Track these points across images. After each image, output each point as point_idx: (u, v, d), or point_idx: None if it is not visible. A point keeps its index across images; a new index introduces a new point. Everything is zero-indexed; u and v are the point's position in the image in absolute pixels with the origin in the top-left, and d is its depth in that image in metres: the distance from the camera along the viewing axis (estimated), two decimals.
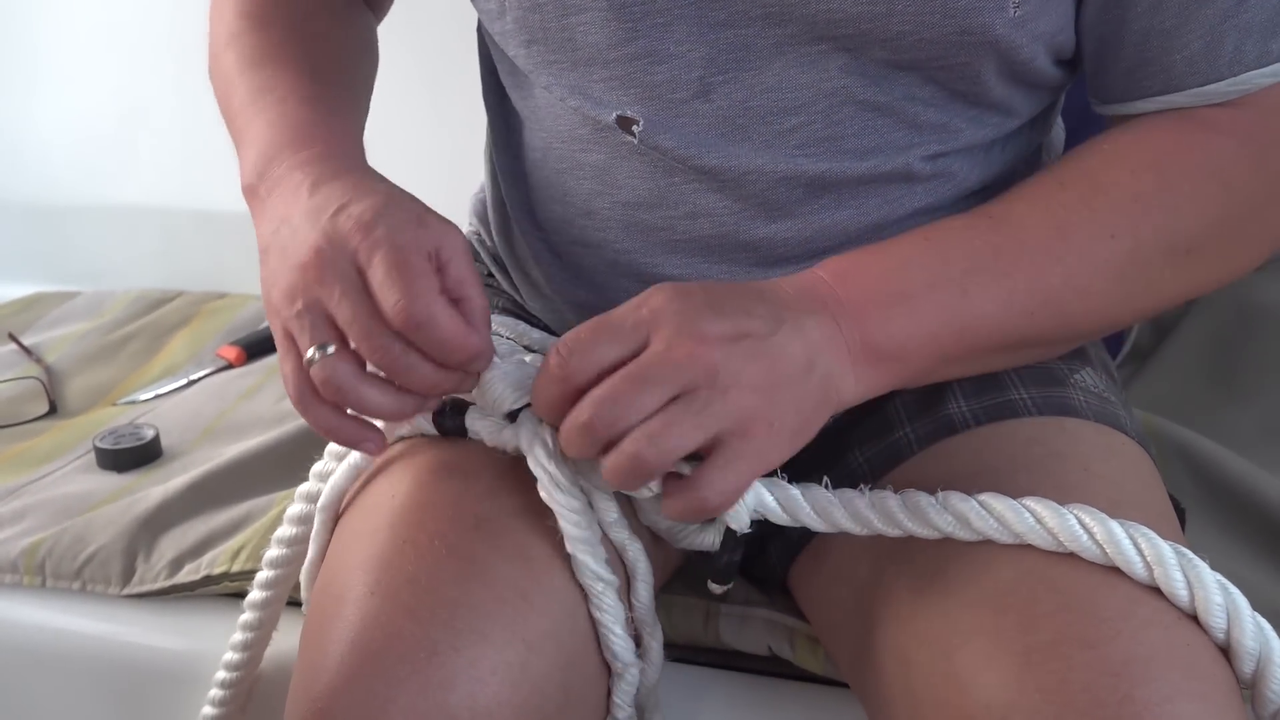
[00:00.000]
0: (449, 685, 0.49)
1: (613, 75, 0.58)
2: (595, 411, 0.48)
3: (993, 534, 0.51)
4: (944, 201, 0.61)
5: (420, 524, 0.54)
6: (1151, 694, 0.44)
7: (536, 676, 0.51)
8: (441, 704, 0.48)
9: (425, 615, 0.50)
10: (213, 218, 1.33)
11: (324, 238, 0.51)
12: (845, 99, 0.57)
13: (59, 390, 1.10)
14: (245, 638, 0.68)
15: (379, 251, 0.49)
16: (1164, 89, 0.56)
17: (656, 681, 0.59)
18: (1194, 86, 0.55)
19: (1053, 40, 0.56)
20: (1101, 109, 0.60)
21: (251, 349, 1.14)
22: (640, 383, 0.48)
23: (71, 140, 1.40)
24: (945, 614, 0.50)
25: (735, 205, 0.59)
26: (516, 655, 0.50)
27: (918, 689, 0.50)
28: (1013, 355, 0.58)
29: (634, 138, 0.58)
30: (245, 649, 0.68)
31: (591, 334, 0.50)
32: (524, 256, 0.69)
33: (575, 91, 0.59)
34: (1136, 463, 0.58)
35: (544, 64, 0.60)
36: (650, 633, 0.58)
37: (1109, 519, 0.49)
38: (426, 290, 0.49)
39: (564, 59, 0.59)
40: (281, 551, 0.65)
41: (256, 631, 0.68)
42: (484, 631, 0.50)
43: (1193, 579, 0.48)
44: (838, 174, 0.58)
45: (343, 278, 0.50)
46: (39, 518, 0.86)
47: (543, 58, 0.60)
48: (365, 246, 0.50)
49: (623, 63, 0.57)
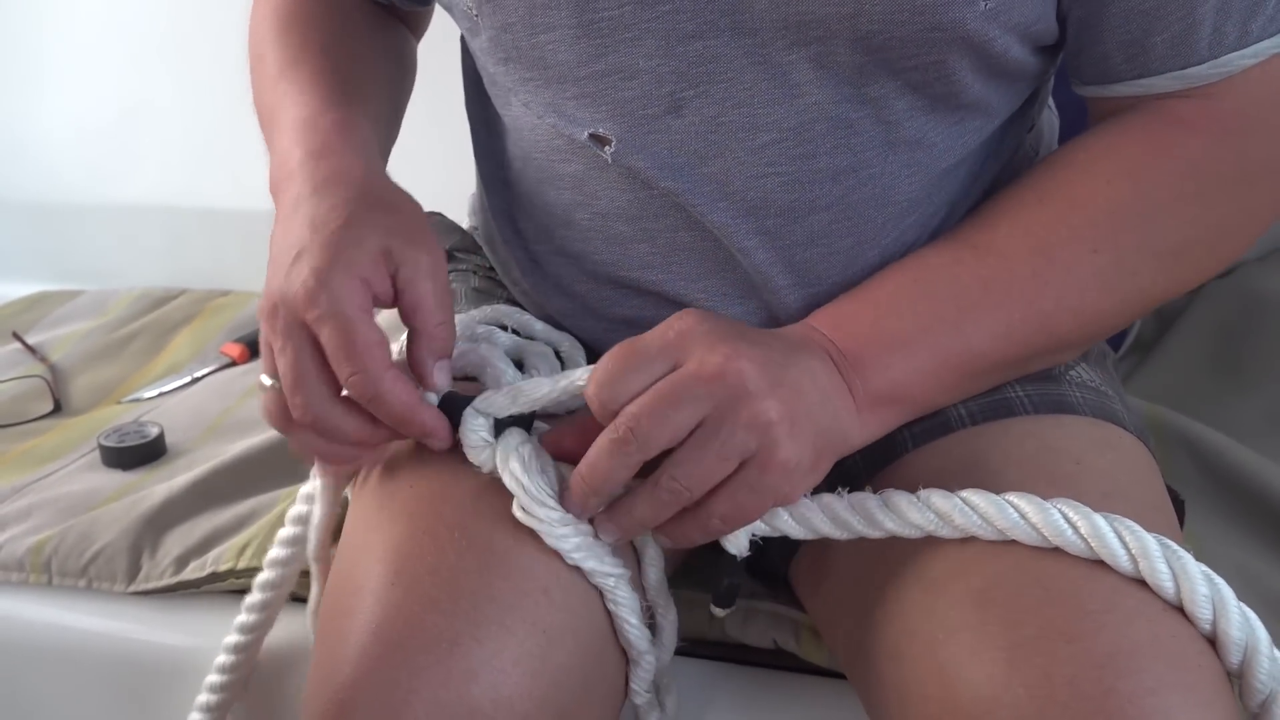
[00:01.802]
0: (472, 677, 0.49)
1: (584, 93, 0.58)
2: (629, 427, 0.49)
3: (976, 530, 0.51)
4: (920, 225, 0.61)
5: (439, 515, 0.54)
6: (1136, 685, 0.44)
7: (556, 667, 0.51)
8: (464, 695, 0.48)
9: (448, 606, 0.50)
10: (216, 215, 1.33)
11: (278, 295, 0.53)
12: (817, 115, 0.56)
13: (63, 389, 1.10)
14: (248, 620, 0.68)
15: (325, 326, 0.52)
16: (1143, 72, 0.56)
17: (670, 660, 0.60)
18: (1174, 69, 0.55)
19: (1029, 30, 0.55)
20: (1081, 90, 0.60)
21: (255, 346, 1.14)
22: (673, 400, 0.49)
23: (74, 139, 1.40)
24: (932, 609, 0.50)
25: (713, 226, 0.58)
26: (537, 646, 0.50)
27: (907, 683, 0.50)
28: (1014, 372, 0.59)
29: (608, 157, 0.58)
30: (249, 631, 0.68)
31: (621, 365, 0.50)
32: (507, 263, 0.69)
33: (550, 109, 0.60)
34: (1132, 455, 0.58)
35: (519, 81, 0.60)
36: (663, 613, 0.59)
37: (1093, 513, 0.49)
38: (374, 366, 0.52)
39: (537, 77, 0.59)
40: (284, 553, 0.65)
41: (261, 613, 0.68)
42: (505, 623, 0.50)
43: (1178, 571, 0.48)
44: (810, 202, 0.58)
45: (286, 334, 0.53)
46: (44, 516, 0.86)
47: (518, 75, 0.60)
48: (312, 319, 0.52)
49: (593, 80, 0.57)
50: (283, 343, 0.53)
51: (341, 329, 0.51)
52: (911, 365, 0.54)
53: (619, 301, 0.63)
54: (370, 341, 0.52)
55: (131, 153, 1.38)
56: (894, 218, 0.59)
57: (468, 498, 0.55)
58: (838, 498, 0.54)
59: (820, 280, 0.60)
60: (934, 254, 0.57)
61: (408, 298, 0.54)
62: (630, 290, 0.63)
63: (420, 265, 0.54)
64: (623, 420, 0.49)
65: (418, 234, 0.55)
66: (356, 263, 0.52)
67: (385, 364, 0.52)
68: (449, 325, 0.56)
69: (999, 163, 0.64)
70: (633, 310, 0.63)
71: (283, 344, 0.53)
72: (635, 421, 0.49)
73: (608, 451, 0.50)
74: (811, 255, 0.59)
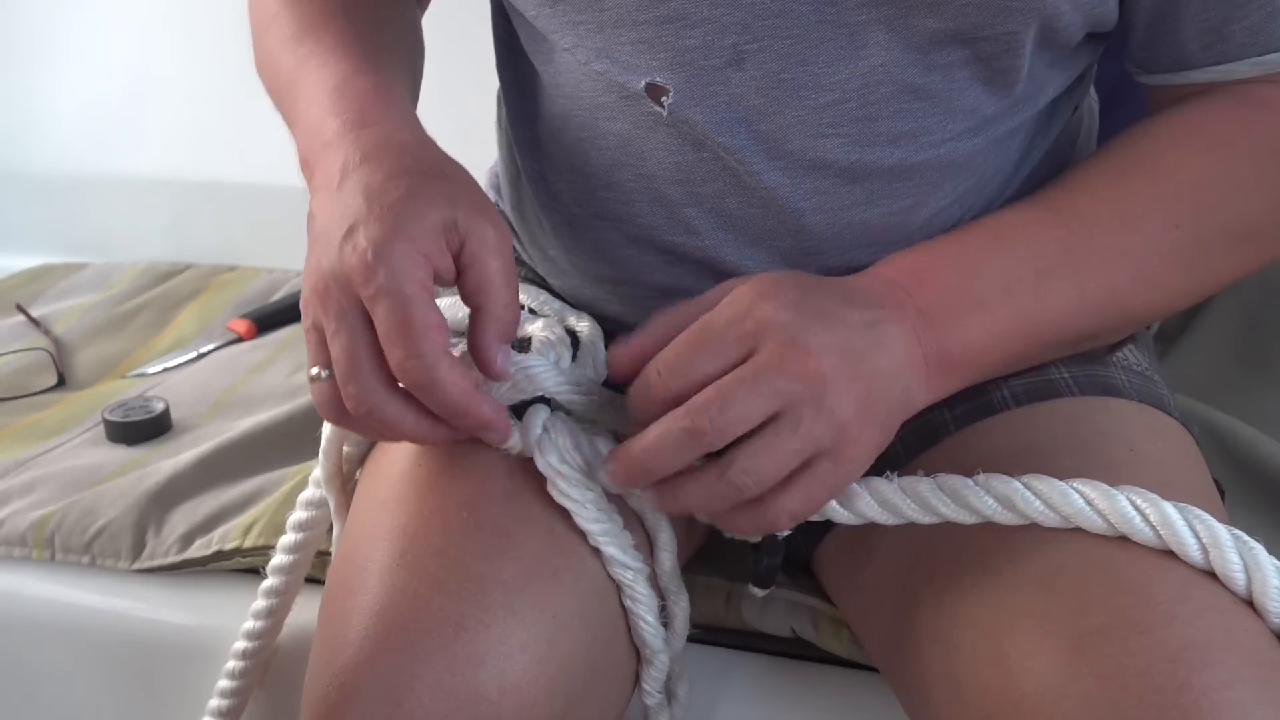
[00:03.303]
0: (478, 661, 0.48)
1: (642, 38, 0.56)
2: (704, 415, 0.46)
3: (1039, 517, 0.49)
4: (976, 191, 0.60)
5: (447, 494, 0.53)
6: (1211, 679, 0.43)
7: (564, 654, 0.50)
8: (470, 680, 0.47)
9: (454, 588, 0.49)
10: (222, 189, 1.32)
11: (330, 273, 0.49)
12: (883, 78, 0.55)
13: (67, 362, 1.09)
14: (267, 605, 0.67)
15: (381, 304, 0.47)
16: (1221, 59, 0.55)
17: (682, 648, 0.59)
18: (1253, 56, 0.55)
19: (1093, 11, 0.55)
20: (1147, 79, 0.59)
21: (262, 322, 1.13)
22: (751, 390, 0.46)
23: (80, 111, 1.39)
24: (991, 596, 0.49)
25: (764, 188, 0.57)
26: (545, 631, 0.49)
27: (960, 673, 0.49)
28: (1081, 345, 0.57)
29: (663, 109, 0.56)
30: (268, 615, 0.67)
31: (691, 350, 0.48)
32: (539, 231, 0.67)
33: (601, 55, 0.57)
34: (1181, 443, 0.57)
35: (568, 25, 0.58)
36: (675, 599, 0.57)
37: (1162, 501, 0.47)
38: (430, 351, 0.47)
39: (590, 20, 0.57)
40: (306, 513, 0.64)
41: (279, 598, 0.67)
42: (513, 608, 0.49)
43: (1250, 563, 0.46)
44: (869, 164, 0.56)
45: (340, 316, 0.49)
46: (48, 490, 0.85)
47: (567, 18, 0.57)
48: (368, 295, 0.48)
49: (653, 25, 0.55)
50: (336, 325, 0.49)
51: (398, 307, 0.47)
52: (988, 329, 0.52)
53: (659, 269, 0.61)
54: (428, 323, 0.47)
55: (137, 126, 1.37)
56: (950, 184, 0.58)
57: (478, 478, 0.53)
58: (887, 481, 0.52)
59: (873, 243, 0.58)
60: (1014, 213, 0.56)
61: (473, 275, 0.50)
62: (672, 257, 0.61)
63: (487, 240, 0.50)
64: (699, 409, 0.47)
65: (482, 205, 0.51)
66: (418, 236, 0.48)
67: (443, 349, 0.48)
68: (515, 306, 0.51)
69: (1047, 139, 0.63)
70: (672, 278, 0.61)
71: (336, 327, 0.49)
72: (712, 412, 0.46)
73: (676, 439, 0.47)
74: (868, 217, 0.58)
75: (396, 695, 0.47)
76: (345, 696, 0.48)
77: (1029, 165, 0.62)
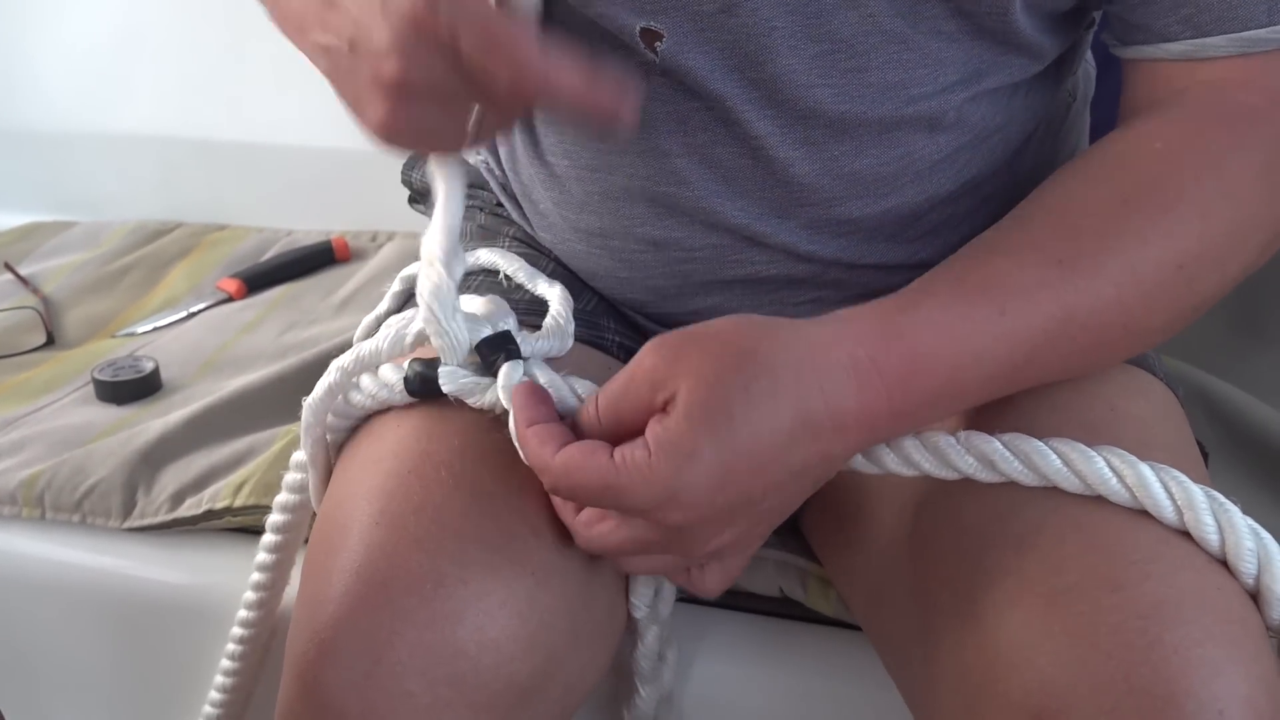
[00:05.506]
0: (457, 618, 0.48)
1: None
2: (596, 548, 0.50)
3: (1017, 476, 0.49)
4: (965, 152, 0.59)
5: (426, 453, 0.53)
6: (1183, 637, 0.43)
7: (544, 609, 0.50)
8: (449, 637, 0.48)
9: (432, 546, 0.49)
10: (213, 147, 1.30)
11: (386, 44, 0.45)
12: (872, 27, 0.54)
13: (56, 321, 1.08)
14: (262, 578, 0.67)
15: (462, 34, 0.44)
16: (1198, 31, 0.53)
17: (669, 613, 0.59)
18: (1231, 31, 0.52)
19: None
20: (1122, 52, 0.57)
21: (252, 282, 1.13)
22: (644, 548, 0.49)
23: (68, 67, 1.37)
24: (968, 554, 0.49)
25: (754, 138, 0.57)
26: (524, 588, 0.49)
27: (937, 629, 0.49)
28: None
29: (656, 56, 0.56)
30: (262, 589, 0.67)
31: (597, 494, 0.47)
32: (530, 183, 0.67)
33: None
34: (1164, 403, 0.57)
35: None
36: None
37: (1139, 462, 0.47)
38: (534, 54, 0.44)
39: None
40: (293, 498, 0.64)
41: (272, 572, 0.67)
42: (492, 565, 0.49)
43: (1224, 523, 0.46)
44: (859, 116, 0.56)
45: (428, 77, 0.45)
46: (38, 449, 0.85)
47: None
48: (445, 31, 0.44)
49: None
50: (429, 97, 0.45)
51: (482, 25, 0.44)
52: (953, 408, 0.50)
53: (648, 220, 0.61)
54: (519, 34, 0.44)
55: (127, 82, 1.35)
56: (943, 138, 0.58)
57: (456, 437, 0.53)
58: None
59: (863, 194, 0.58)
60: (1019, 271, 0.50)
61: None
62: (662, 209, 0.60)
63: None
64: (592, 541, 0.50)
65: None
66: None
67: (541, 51, 0.45)
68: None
69: (1046, 102, 0.62)
70: (663, 230, 0.61)
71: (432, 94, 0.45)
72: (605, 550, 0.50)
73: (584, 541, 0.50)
74: (857, 168, 0.57)
75: (375, 651, 0.47)
76: (325, 653, 0.48)
77: (1028, 127, 0.61)
